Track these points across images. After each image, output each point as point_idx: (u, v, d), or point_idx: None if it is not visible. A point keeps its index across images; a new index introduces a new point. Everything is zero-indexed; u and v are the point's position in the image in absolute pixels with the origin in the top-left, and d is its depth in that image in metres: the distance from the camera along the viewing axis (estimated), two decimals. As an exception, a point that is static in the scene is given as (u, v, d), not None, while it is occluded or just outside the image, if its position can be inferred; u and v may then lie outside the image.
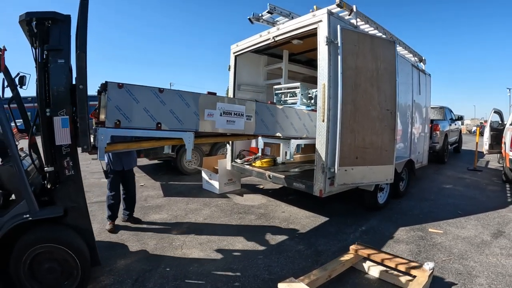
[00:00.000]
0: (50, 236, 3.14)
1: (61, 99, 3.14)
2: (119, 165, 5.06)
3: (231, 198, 6.93)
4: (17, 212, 3.08)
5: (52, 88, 3.12)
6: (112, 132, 3.39)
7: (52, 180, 3.29)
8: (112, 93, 3.31)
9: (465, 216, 5.93)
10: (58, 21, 3.14)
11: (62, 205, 3.24)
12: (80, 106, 3.08)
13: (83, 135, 3.11)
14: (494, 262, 4.12)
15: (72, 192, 3.30)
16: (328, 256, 4.23)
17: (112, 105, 3.31)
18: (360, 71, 4.88)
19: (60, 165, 3.22)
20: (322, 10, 4.86)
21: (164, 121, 3.68)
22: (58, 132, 3.12)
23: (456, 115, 15.05)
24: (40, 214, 3.11)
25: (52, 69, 3.11)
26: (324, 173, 4.85)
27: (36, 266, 3.11)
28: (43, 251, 3.10)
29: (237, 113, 4.35)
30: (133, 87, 3.47)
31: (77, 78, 3.06)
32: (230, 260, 4.10)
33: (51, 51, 3.12)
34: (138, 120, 3.50)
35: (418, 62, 8.63)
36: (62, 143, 3.16)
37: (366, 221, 5.56)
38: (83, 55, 3.05)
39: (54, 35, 3.13)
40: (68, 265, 3.18)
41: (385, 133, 5.19)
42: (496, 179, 9.53)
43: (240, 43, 6.79)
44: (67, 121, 3.15)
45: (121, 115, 3.36)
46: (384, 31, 6.29)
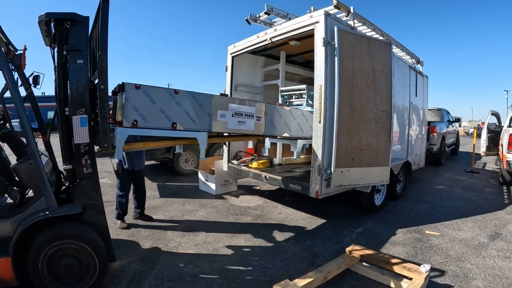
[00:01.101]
0: (70, 233, 3.20)
1: (80, 99, 3.21)
2: (130, 165, 5.22)
3: (227, 199, 6.91)
4: (37, 209, 3.15)
5: (71, 88, 3.19)
6: (129, 132, 3.47)
7: (70, 178, 3.41)
8: (129, 94, 3.43)
9: (462, 218, 5.93)
10: (77, 22, 3.23)
11: (80, 202, 3.32)
12: (101, 106, 3.14)
13: (104, 134, 3.17)
14: (491, 264, 4.11)
15: (90, 189, 3.36)
16: (324, 258, 4.21)
17: (129, 105, 3.43)
18: (356, 73, 4.87)
19: (79, 163, 3.29)
20: (319, 11, 4.86)
21: (179, 121, 3.81)
22: (77, 130, 3.20)
23: (454, 117, 15.09)
24: (60, 211, 3.19)
25: (71, 69, 3.18)
26: (320, 175, 4.83)
27: (54, 262, 3.17)
28: (62, 247, 3.16)
29: (247, 114, 4.49)
30: (150, 88, 3.59)
31: (98, 79, 3.13)
32: (226, 262, 4.08)
33: (71, 52, 3.19)
34: (154, 120, 3.62)
35: (416, 64, 8.64)
36: (80, 142, 3.23)
37: (363, 223, 5.55)
38: (104, 56, 3.11)
39: (73, 36, 3.21)
40: (86, 261, 3.24)
41: (381, 134, 5.18)
42: (493, 181, 9.54)
43: (237, 44, 6.78)
44: (86, 120, 3.22)
45: (138, 115, 3.48)
46: (381, 33, 6.29)
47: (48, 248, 3.10)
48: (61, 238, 3.15)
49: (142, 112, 3.51)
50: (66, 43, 3.22)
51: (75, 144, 3.24)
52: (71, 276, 3.23)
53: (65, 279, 3.22)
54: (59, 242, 3.13)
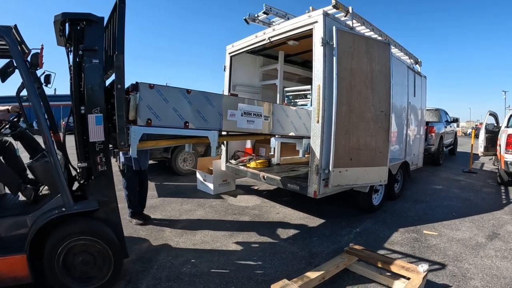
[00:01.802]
0: (86, 229, 3.26)
1: (95, 98, 3.27)
2: (137, 165, 5.28)
3: (225, 199, 6.91)
4: (53, 206, 3.20)
5: (87, 87, 3.24)
6: (144, 130, 3.54)
7: (85, 176, 3.43)
8: (144, 93, 3.48)
9: (460, 218, 5.94)
10: (92, 22, 3.28)
11: (95, 200, 3.36)
12: (118, 105, 3.19)
13: (121, 132, 3.23)
14: (488, 264, 4.11)
15: (104, 186, 3.42)
16: (322, 257, 4.21)
17: (144, 104, 3.49)
18: (355, 73, 4.87)
19: (94, 161, 3.34)
20: (318, 11, 4.85)
21: (191, 120, 3.89)
22: (92, 129, 3.26)
23: (452, 117, 15.12)
24: (76, 208, 3.25)
25: (86, 68, 3.23)
26: (318, 175, 4.83)
27: (70, 259, 3.21)
28: (79, 243, 3.21)
29: (256, 113, 4.60)
30: (163, 88, 3.67)
31: (115, 78, 3.19)
32: (224, 261, 4.08)
33: (86, 51, 3.24)
34: (167, 119, 3.69)
35: (414, 64, 8.64)
36: (96, 140, 3.30)
37: (361, 222, 5.55)
38: (121, 56, 3.17)
39: (88, 36, 3.26)
40: (102, 257, 3.30)
41: (379, 134, 5.19)
42: (491, 181, 9.56)
43: (235, 43, 6.77)
44: (101, 119, 3.29)
45: (152, 114, 3.54)
46: (380, 33, 6.29)
47: (64, 244, 3.14)
48: (78, 234, 3.20)
49: (156, 111, 3.59)
50: (82, 43, 3.26)
51: (90, 142, 3.30)
52: (86, 272, 3.28)
53: (80, 276, 3.27)
54: (76, 238, 3.18)
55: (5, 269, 3.04)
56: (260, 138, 5.28)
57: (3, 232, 3.15)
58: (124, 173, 5.28)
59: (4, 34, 3.05)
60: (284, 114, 4.99)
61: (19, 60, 3.10)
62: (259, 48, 6.57)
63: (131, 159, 5.15)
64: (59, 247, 3.13)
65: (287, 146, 7.07)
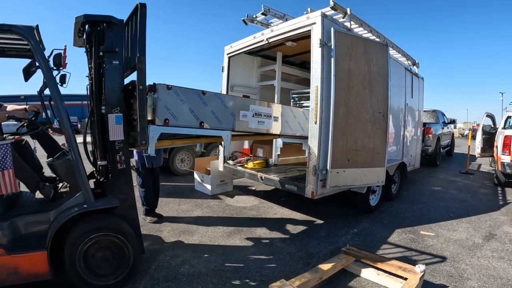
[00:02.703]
0: (107, 225, 3.35)
1: (115, 98, 3.37)
2: (150, 163, 5.42)
3: (223, 200, 6.91)
4: (74, 203, 3.29)
5: (107, 87, 3.35)
6: (162, 130, 3.68)
7: (104, 174, 3.49)
8: (162, 94, 3.63)
9: (457, 219, 5.96)
10: (113, 24, 3.37)
11: (114, 197, 3.46)
12: (140, 105, 3.27)
13: (143, 132, 3.31)
14: (485, 265, 4.13)
15: (123, 184, 3.51)
16: (319, 258, 4.22)
17: (161, 105, 3.63)
18: (352, 74, 4.88)
19: (113, 159, 3.43)
20: (316, 12, 4.86)
21: (206, 120, 4.07)
22: (112, 128, 3.35)
23: (449, 118, 15.16)
24: (97, 204, 3.35)
25: (107, 69, 3.33)
26: (316, 175, 4.84)
27: (91, 254, 3.29)
28: (100, 239, 3.29)
29: (266, 114, 4.84)
30: (180, 89, 3.83)
31: (137, 79, 3.25)
32: (221, 262, 4.08)
33: (107, 53, 3.33)
34: (184, 119, 3.87)
35: (412, 66, 8.68)
36: (115, 139, 3.39)
37: (358, 223, 5.56)
38: (143, 58, 3.28)
39: (109, 38, 3.35)
40: (122, 253, 3.40)
41: (377, 135, 5.20)
42: (488, 182, 9.60)
43: (234, 44, 6.78)
44: (121, 118, 3.39)
45: (169, 114, 3.70)
46: (377, 34, 6.31)
47: (86, 240, 3.22)
48: (100, 230, 3.29)
49: (173, 111, 3.73)
50: (102, 44, 3.34)
51: (110, 141, 3.38)
52: (106, 268, 3.36)
53: (101, 271, 3.34)
54: (98, 234, 3.27)
55: (26, 265, 3.09)
56: (269, 138, 5.46)
57: (23, 229, 3.20)
58: (139, 171, 5.40)
59: (27, 34, 3.11)
60: (292, 115, 5.16)
61: (42, 60, 3.17)
62: (257, 49, 6.59)
63: (144, 157, 5.29)
64: (80, 243, 3.20)
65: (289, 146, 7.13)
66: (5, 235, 3.09)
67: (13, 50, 3.98)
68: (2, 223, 3.10)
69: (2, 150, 3.03)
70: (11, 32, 3.10)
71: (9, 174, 3.05)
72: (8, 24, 3.04)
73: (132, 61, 3.48)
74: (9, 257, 3.03)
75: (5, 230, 3.10)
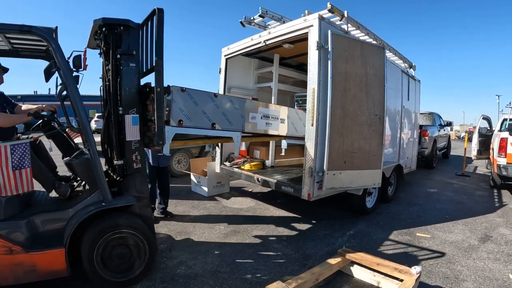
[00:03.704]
0: (126, 223, 3.45)
1: (132, 99, 3.49)
2: (155, 162, 5.57)
3: (219, 201, 6.92)
4: (92, 201, 3.40)
5: (124, 89, 3.46)
6: (176, 130, 3.86)
7: (120, 173, 3.59)
8: (176, 96, 3.82)
9: (453, 220, 5.98)
10: (130, 28, 3.49)
11: (130, 195, 3.57)
12: (158, 106, 3.33)
13: (160, 132, 3.38)
14: (481, 266, 4.15)
15: (139, 183, 3.63)
16: (315, 259, 4.23)
17: (176, 106, 3.82)
18: (349, 76, 4.90)
19: (129, 159, 3.54)
20: (314, 15, 4.88)
21: (217, 122, 4.27)
22: (129, 129, 3.47)
23: (445, 121, 15.22)
24: (115, 202, 3.46)
25: (124, 72, 3.45)
26: (312, 177, 4.86)
27: (108, 251, 3.38)
28: (118, 236, 3.39)
29: (274, 116, 5.08)
30: (194, 91, 4.02)
31: (155, 82, 3.35)
32: (218, 263, 4.08)
33: (124, 55, 3.44)
34: (197, 120, 4.06)
35: (408, 68, 8.70)
36: (132, 139, 3.51)
37: (354, 225, 5.58)
38: (161, 62, 3.34)
39: (126, 41, 3.47)
40: (138, 249, 3.52)
41: (373, 138, 5.22)
42: (484, 185, 9.64)
43: (231, 46, 6.79)
44: (137, 119, 3.51)
45: (183, 116, 3.88)
46: (374, 37, 6.34)
47: (106, 237, 3.32)
48: (119, 227, 3.38)
49: (187, 113, 3.92)
50: (119, 47, 3.43)
51: (127, 141, 3.49)
52: (123, 264, 3.46)
53: (117, 267, 3.43)
54: (116, 231, 3.37)
55: (44, 263, 3.14)
56: (275, 139, 5.65)
57: (41, 228, 3.28)
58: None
59: (47, 36, 3.17)
60: (298, 117, 5.31)
61: (62, 62, 3.24)
62: (254, 51, 6.59)
63: (148, 155, 5.40)
64: (99, 240, 3.29)
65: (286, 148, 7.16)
66: (23, 233, 3.16)
67: (27, 50, 4.06)
68: (20, 222, 3.17)
69: (21, 149, 3.09)
70: (30, 33, 3.16)
71: (26, 173, 3.12)
72: (28, 25, 3.10)
73: (147, 63, 3.60)
74: (27, 255, 3.09)
75: (23, 228, 3.16)
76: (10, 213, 3.17)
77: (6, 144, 3.01)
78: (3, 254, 3.02)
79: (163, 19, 3.37)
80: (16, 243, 3.09)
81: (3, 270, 3.04)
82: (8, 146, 3.01)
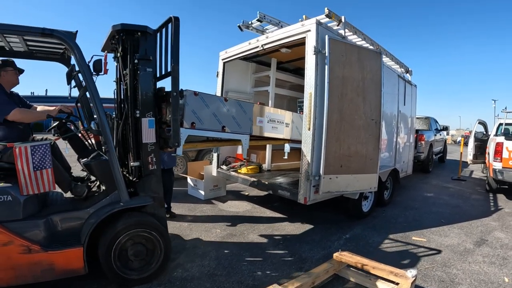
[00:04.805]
0: (143, 222, 3.57)
1: (148, 103, 3.60)
2: (162, 164, 5.49)
3: (216, 204, 6.93)
4: (110, 201, 3.51)
5: (141, 93, 3.55)
6: (189, 132, 4.01)
7: (136, 174, 3.68)
8: (189, 99, 3.98)
9: (449, 224, 6.02)
10: (147, 34, 3.58)
11: (146, 195, 3.69)
12: (174, 110, 3.52)
13: (176, 134, 3.55)
14: (477, 270, 4.18)
15: (154, 184, 3.75)
16: (312, 263, 4.24)
17: (189, 109, 3.97)
18: (346, 81, 4.93)
19: (145, 160, 3.65)
20: (311, 20, 4.91)
21: (227, 125, 4.45)
22: (145, 131, 3.58)
23: (442, 125, 15.28)
24: (133, 202, 3.59)
25: (141, 76, 3.54)
26: (309, 181, 4.87)
27: (125, 250, 3.48)
28: (136, 235, 3.51)
29: (279, 121, 5.28)
30: (206, 96, 4.20)
31: (172, 87, 3.51)
32: (214, 266, 4.09)
33: (141, 60, 3.53)
34: (208, 123, 4.22)
35: (405, 73, 8.76)
36: (148, 141, 3.62)
37: (350, 229, 5.60)
38: (177, 67, 3.52)
39: (144, 46, 3.57)
40: (154, 248, 3.63)
41: (370, 142, 5.24)
42: (480, 189, 9.69)
43: (229, 50, 6.81)
44: (153, 122, 3.62)
45: (195, 118, 4.04)
46: (371, 42, 6.38)
47: (124, 235, 3.42)
48: (138, 226, 3.51)
49: (199, 116, 4.08)
50: (137, 52, 3.53)
51: (143, 143, 3.60)
52: (140, 262, 3.57)
53: (134, 265, 3.54)
54: (134, 230, 3.48)
55: (62, 262, 3.21)
56: (280, 142, 5.71)
57: (59, 227, 3.36)
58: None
59: (68, 40, 3.24)
60: (301, 121, 5.27)
61: (83, 65, 3.33)
62: (252, 55, 6.62)
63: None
64: (118, 238, 3.39)
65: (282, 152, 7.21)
66: (41, 232, 3.21)
67: (42, 52, 4.11)
68: (39, 221, 3.23)
69: (42, 150, 3.18)
70: (52, 37, 3.22)
71: (47, 173, 3.21)
72: (50, 28, 3.17)
73: (161, 68, 3.80)
74: (46, 253, 3.14)
75: (41, 227, 3.22)
76: (29, 212, 3.22)
77: (26, 145, 3.11)
78: (22, 253, 3.07)
79: (179, 27, 3.51)
80: (34, 242, 3.13)
81: (21, 269, 3.09)
82: (28, 147, 3.10)
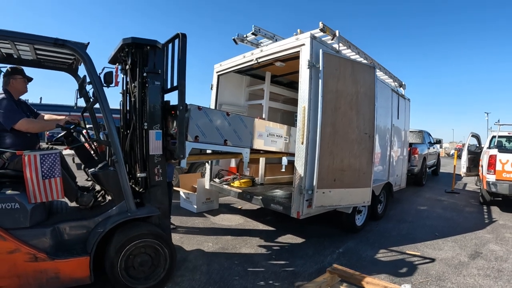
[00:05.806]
0: (150, 232, 3.58)
1: (156, 115, 3.69)
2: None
3: (208, 218, 6.88)
4: (118, 212, 3.56)
5: (149, 106, 3.65)
6: (193, 145, 4.09)
7: (143, 185, 3.76)
8: (193, 113, 4.06)
9: (443, 237, 6.02)
10: (156, 48, 3.68)
11: (152, 206, 3.75)
12: (180, 123, 3.64)
13: (182, 147, 3.67)
14: (471, 283, 4.18)
15: (160, 194, 3.83)
16: (304, 277, 4.21)
17: (193, 123, 4.05)
18: (340, 95, 4.95)
19: (152, 171, 3.73)
20: (306, 34, 4.94)
21: (229, 138, 4.55)
22: (152, 143, 3.67)
23: (435, 138, 15.37)
24: (140, 213, 3.64)
25: (150, 89, 3.65)
26: (302, 195, 4.85)
27: (131, 259, 3.48)
28: (142, 245, 3.51)
29: (278, 135, 5.36)
30: (209, 110, 4.36)
31: (178, 101, 3.63)
32: (205, 280, 4.04)
33: (150, 74, 3.64)
34: (211, 136, 4.31)
35: (398, 87, 8.82)
36: (155, 153, 3.71)
37: (344, 243, 5.57)
38: (183, 82, 3.64)
39: (152, 60, 3.68)
40: (159, 257, 3.63)
41: (363, 156, 5.25)
42: (474, 201, 9.74)
43: (223, 63, 6.84)
44: (160, 135, 3.72)
45: (199, 132, 4.13)
46: (365, 56, 6.43)
47: (130, 245, 3.42)
48: (143, 236, 3.51)
49: (203, 129, 4.18)
50: (146, 65, 3.64)
51: (150, 155, 3.69)
52: (145, 271, 3.56)
53: (140, 275, 3.53)
54: (141, 240, 3.48)
55: (68, 270, 3.23)
56: (278, 156, 5.74)
57: (65, 236, 3.39)
58: None
59: (81, 50, 3.31)
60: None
61: (94, 77, 3.44)
62: (246, 68, 6.64)
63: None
64: (125, 247, 3.39)
65: (276, 166, 7.20)
66: (48, 241, 3.24)
67: (51, 62, 4.16)
68: (46, 229, 3.25)
69: (52, 158, 3.21)
70: (64, 47, 3.28)
71: (56, 182, 3.23)
72: (62, 39, 3.22)
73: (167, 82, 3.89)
74: (52, 262, 3.15)
75: (48, 236, 3.25)
76: (36, 220, 3.23)
77: (36, 153, 3.14)
78: (28, 261, 3.07)
79: (186, 43, 3.61)
80: (41, 250, 3.15)
81: (27, 277, 3.08)
82: (38, 155, 3.12)
